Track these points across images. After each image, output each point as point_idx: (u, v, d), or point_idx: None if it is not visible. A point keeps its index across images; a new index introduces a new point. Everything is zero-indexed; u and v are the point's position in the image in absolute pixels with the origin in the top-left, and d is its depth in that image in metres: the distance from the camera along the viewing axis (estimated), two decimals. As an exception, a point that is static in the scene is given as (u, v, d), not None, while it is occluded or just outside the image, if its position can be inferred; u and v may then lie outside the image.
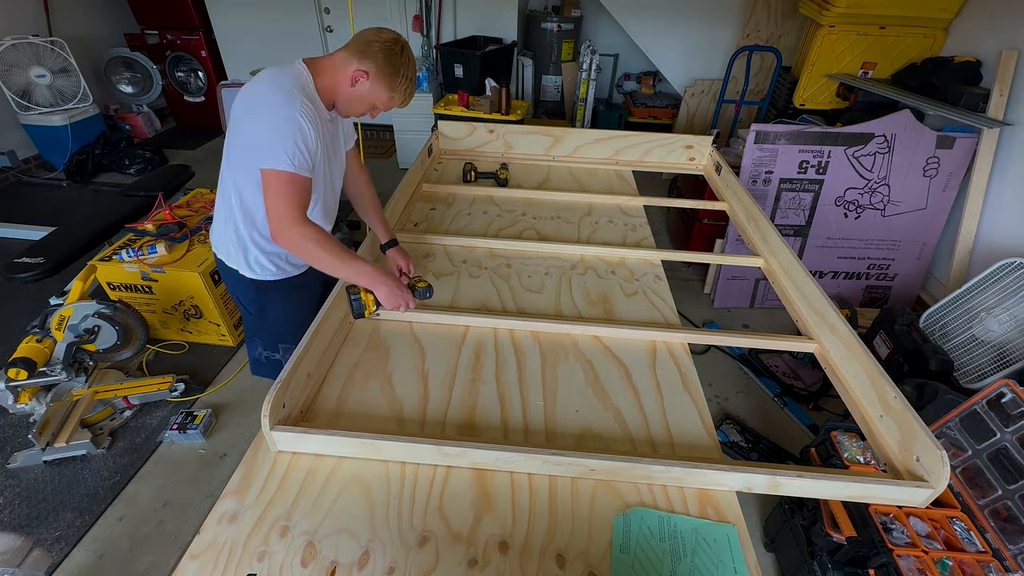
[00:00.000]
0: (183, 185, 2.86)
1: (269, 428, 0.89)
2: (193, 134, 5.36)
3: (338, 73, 1.24)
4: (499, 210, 1.83)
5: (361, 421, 1.01)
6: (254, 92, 1.19)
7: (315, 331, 1.07)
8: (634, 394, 1.09)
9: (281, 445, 0.92)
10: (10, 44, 3.94)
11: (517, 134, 2.24)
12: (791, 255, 1.40)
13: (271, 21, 4.87)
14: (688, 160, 2.25)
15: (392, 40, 1.22)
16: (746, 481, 0.89)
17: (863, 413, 1.05)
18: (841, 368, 1.14)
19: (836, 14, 3.02)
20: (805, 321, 1.32)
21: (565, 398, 1.08)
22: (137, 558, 1.74)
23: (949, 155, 2.69)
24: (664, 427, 1.02)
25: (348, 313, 1.23)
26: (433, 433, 0.99)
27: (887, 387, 0.97)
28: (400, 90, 1.25)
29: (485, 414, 1.04)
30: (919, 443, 0.89)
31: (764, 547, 1.85)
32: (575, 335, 1.24)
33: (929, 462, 0.86)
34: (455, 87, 4.34)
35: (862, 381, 1.06)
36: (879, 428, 1.00)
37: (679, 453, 0.97)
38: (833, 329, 1.18)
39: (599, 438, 0.99)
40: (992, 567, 1.35)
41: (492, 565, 0.78)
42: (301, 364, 1.00)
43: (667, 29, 4.46)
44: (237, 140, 1.26)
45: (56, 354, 2.09)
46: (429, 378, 1.11)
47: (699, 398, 1.09)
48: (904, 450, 0.93)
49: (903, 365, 2.25)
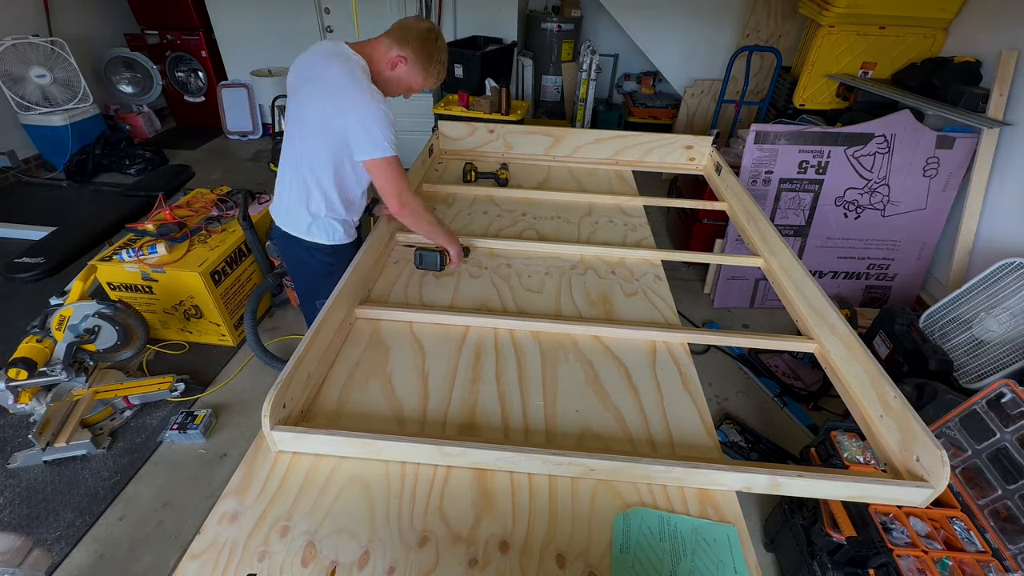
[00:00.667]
0: (183, 185, 2.86)
1: (270, 428, 0.89)
2: (193, 134, 5.36)
3: (380, 58, 1.41)
4: (499, 210, 1.83)
5: (361, 421, 1.01)
6: (334, 85, 1.33)
7: (316, 330, 1.07)
8: (634, 394, 1.09)
9: (282, 445, 0.92)
10: (10, 44, 3.94)
11: (517, 134, 2.25)
12: (791, 255, 1.40)
13: (271, 21, 4.87)
14: (688, 160, 2.25)
15: (427, 29, 1.41)
16: (746, 481, 0.89)
17: (863, 413, 1.05)
18: (841, 368, 1.14)
19: (836, 14, 3.02)
20: (805, 321, 1.32)
21: (565, 398, 1.08)
22: (137, 558, 1.74)
23: (949, 155, 2.69)
24: (664, 427, 1.02)
25: (350, 314, 1.24)
26: (433, 433, 0.99)
27: (887, 387, 0.97)
28: (434, 74, 1.46)
29: (485, 413, 1.04)
30: (919, 443, 0.89)
31: (764, 547, 1.85)
32: (575, 335, 1.24)
33: (929, 462, 0.86)
34: (455, 87, 4.34)
35: (862, 381, 1.06)
36: (879, 428, 1.00)
37: (679, 453, 0.97)
38: (833, 329, 1.18)
39: (599, 438, 0.99)
40: (992, 567, 1.35)
41: (492, 565, 0.79)
42: (302, 364, 1.00)
43: (667, 29, 4.47)
44: (315, 127, 1.40)
45: (56, 354, 2.09)
46: (429, 378, 1.11)
47: (699, 398, 1.09)
48: (904, 450, 0.93)
49: (903, 365, 2.25)
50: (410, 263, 1.49)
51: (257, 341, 2.40)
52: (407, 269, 1.49)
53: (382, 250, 1.55)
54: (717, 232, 3.08)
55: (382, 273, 1.47)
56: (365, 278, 1.39)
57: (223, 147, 5.16)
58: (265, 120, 5.27)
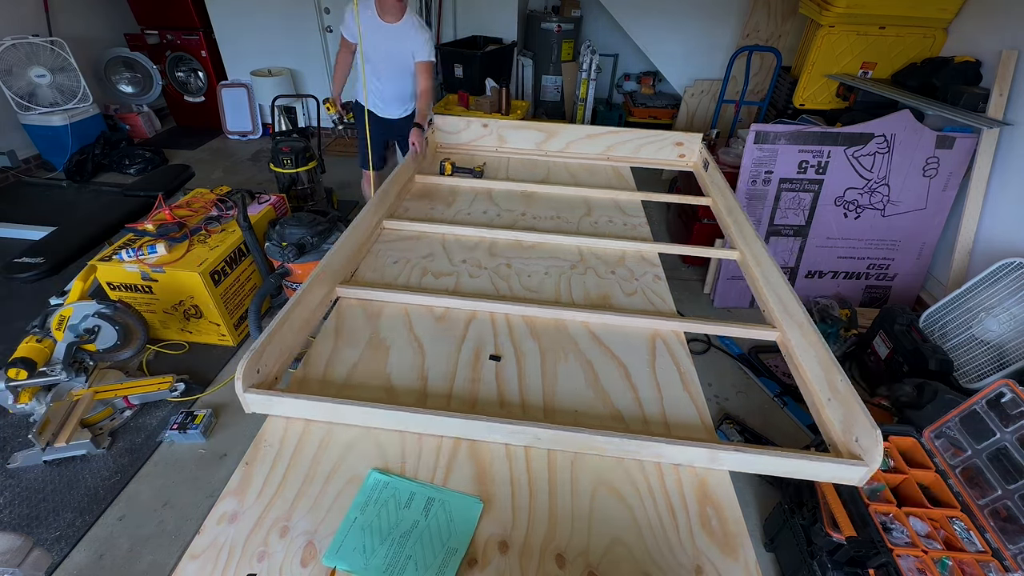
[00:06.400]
0: (183, 185, 2.86)
1: (243, 390, 0.94)
2: (193, 134, 5.37)
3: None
4: (499, 209, 1.83)
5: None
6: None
7: (294, 304, 1.12)
8: (634, 393, 1.10)
9: (254, 407, 0.98)
10: (10, 44, 3.95)
11: (511, 129, 2.29)
12: (763, 248, 1.45)
13: (271, 21, 4.88)
14: (678, 156, 2.29)
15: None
16: (687, 456, 0.92)
17: (814, 397, 1.10)
18: (798, 355, 1.19)
19: (836, 14, 3.02)
20: (770, 310, 1.36)
21: (564, 395, 1.08)
22: (137, 558, 1.74)
23: (949, 155, 2.69)
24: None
25: (330, 292, 1.30)
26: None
27: (836, 373, 1.02)
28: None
29: (484, 412, 1.04)
30: (859, 424, 0.92)
31: (764, 547, 1.85)
32: (575, 335, 1.25)
33: (866, 442, 0.89)
34: (455, 87, 4.34)
35: (815, 367, 1.11)
36: (826, 411, 1.05)
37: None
38: (793, 318, 1.22)
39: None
40: (992, 567, 1.35)
41: (492, 565, 0.79)
42: (278, 334, 1.06)
43: (667, 29, 4.47)
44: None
45: (56, 354, 2.09)
46: (429, 378, 1.11)
47: (697, 395, 1.09)
48: (846, 431, 0.97)
49: (903, 365, 2.26)
50: (410, 262, 1.49)
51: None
52: (409, 265, 1.49)
53: (368, 233, 1.57)
54: (717, 231, 3.08)
55: (365, 258, 1.47)
56: (350, 258, 1.43)
57: (223, 147, 5.16)
58: (265, 120, 5.27)
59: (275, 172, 3.27)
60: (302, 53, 5.07)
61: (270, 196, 2.95)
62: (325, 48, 5.04)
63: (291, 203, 3.17)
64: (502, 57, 4.48)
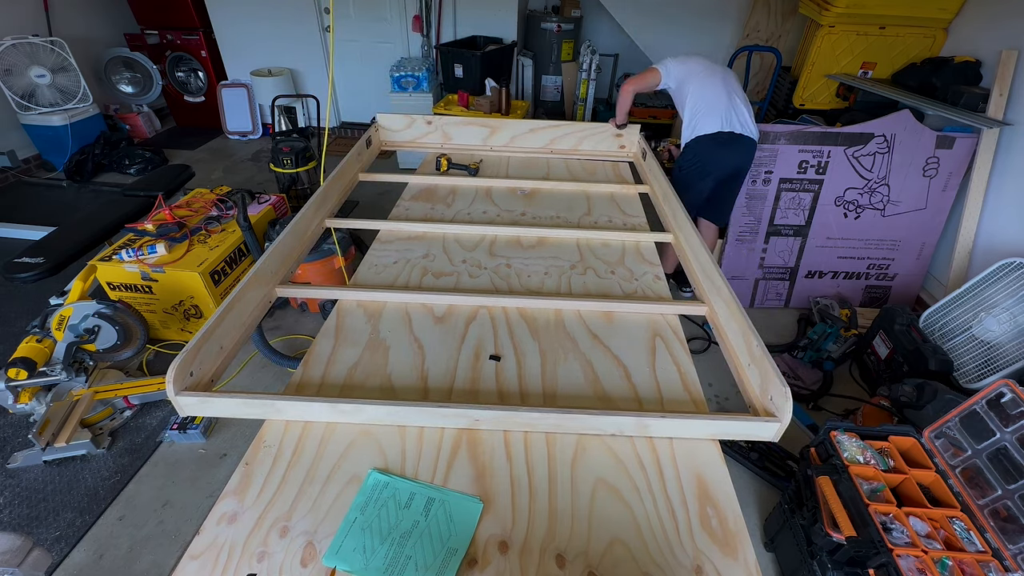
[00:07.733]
0: (183, 185, 2.86)
1: (174, 394, 0.95)
2: (193, 134, 5.37)
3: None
4: (499, 209, 1.84)
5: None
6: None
7: (229, 305, 1.13)
8: (634, 393, 1.10)
9: (188, 410, 0.98)
10: (10, 44, 3.95)
11: (455, 125, 2.32)
12: (693, 230, 1.51)
13: (271, 21, 4.88)
14: (619, 148, 2.35)
15: None
16: (617, 425, 0.95)
17: (736, 363, 1.14)
18: (723, 327, 1.24)
19: (836, 14, 3.02)
20: (700, 287, 1.42)
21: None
22: (137, 558, 1.74)
23: (949, 155, 2.69)
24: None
25: (269, 292, 1.33)
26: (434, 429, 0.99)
27: (753, 339, 1.06)
28: None
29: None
30: (772, 385, 0.96)
31: (764, 547, 1.85)
32: (575, 335, 1.25)
33: (778, 400, 0.94)
34: (455, 87, 4.34)
35: (736, 336, 1.16)
36: (746, 375, 1.09)
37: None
38: (719, 293, 1.27)
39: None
40: (992, 567, 1.35)
41: (492, 565, 0.79)
42: (212, 336, 1.08)
43: (667, 29, 4.46)
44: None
45: (56, 354, 2.09)
46: (429, 378, 1.11)
47: (697, 396, 1.09)
48: (763, 393, 1.02)
49: (903, 365, 2.26)
50: (411, 262, 1.50)
51: (264, 341, 2.41)
52: (407, 266, 1.49)
53: (308, 234, 1.58)
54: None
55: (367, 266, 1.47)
56: (286, 257, 1.44)
57: (223, 147, 5.16)
58: (265, 120, 5.27)
59: (275, 172, 3.27)
60: (302, 53, 5.07)
61: (270, 196, 2.95)
62: (325, 48, 5.04)
63: (291, 203, 3.18)
64: (502, 57, 4.48)
